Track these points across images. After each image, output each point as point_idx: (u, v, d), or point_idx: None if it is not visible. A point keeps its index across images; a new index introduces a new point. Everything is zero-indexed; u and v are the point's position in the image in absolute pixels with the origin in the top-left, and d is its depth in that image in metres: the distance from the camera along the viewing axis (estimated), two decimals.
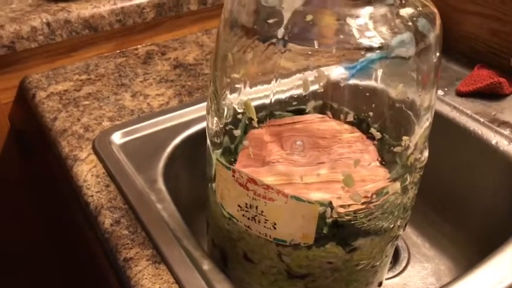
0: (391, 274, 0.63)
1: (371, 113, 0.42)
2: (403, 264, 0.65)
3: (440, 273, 0.63)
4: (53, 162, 0.66)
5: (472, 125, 0.60)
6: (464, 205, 0.64)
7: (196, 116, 0.61)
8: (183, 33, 0.82)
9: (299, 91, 0.45)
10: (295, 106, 0.49)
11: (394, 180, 0.40)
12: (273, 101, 0.41)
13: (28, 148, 0.76)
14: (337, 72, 0.42)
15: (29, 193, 0.80)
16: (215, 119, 0.44)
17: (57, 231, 0.84)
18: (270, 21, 0.38)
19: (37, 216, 0.83)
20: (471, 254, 0.63)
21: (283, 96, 0.47)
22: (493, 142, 0.58)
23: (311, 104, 0.46)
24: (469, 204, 0.63)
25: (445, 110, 0.63)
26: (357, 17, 0.36)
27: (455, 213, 0.65)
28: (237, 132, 0.43)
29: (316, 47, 0.35)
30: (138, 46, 0.78)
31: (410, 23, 0.36)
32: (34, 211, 0.82)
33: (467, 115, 0.61)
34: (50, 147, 0.61)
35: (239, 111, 0.44)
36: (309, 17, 0.35)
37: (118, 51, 0.77)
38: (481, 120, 0.60)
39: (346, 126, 0.46)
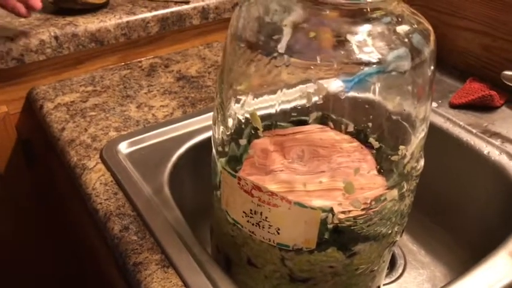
0: (388, 280, 0.65)
1: (370, 124, 0.44)
2: (400, 271, 0.66)
3: (436, 280, 0.65)
4: (59, 171, 0.68)
5: (465, 136, 0.62)
6: (458, 213, 0.66)
7: (199, 127, 0.64)
8: (185, 46, 0.84)
9: (299, 102, 0.47)
10: (296, 117, 0.51)
11: (391, 187, 0.42)
12: (278, 111, 0.43)
13: (32, 157, 0.77)
14: (336, 85, 0.44)
15: (36, 202, 0.81)
16: (221, 129, 0.46)
17: (60, 239, 0.86)
18: (273, 36, 0.40)
19: (42, 223, 0.84)
20: (466, 260, 0.64)
21: (284, 107, 0.49)
22: (485, 152, 0.60)
23: (312, 115, 0.48)
24: (462, 212, 0.65)
25: (439, 121, 0.65)
26: (356, 33, 0.38)
27: (450, 220, 0.67)
28: (243, 142, 0.45)
29: (318, 61, 0.37)
30: (142, 59, 0.80)
31: (406, 40, 0.38)
32: (40, 219, 0.83)
33: (460, 126, 0.64)
34: (58, 156, 0.63)
35: (243, 121, 0.46)
36: (312, 34, 0.37)
37: (122, 63, 0.79)
38: (474, 131, 0.63)
39: (345, 136, 0.48)
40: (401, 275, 0.66)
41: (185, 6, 0.79)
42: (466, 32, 0.71)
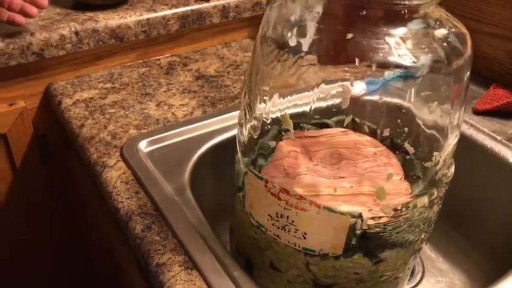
0: (406, 287, 0.64)
1: (405, 129, 0.43)
2: (418, 278, 0.65)
3: (455, 287, 0.64)
4: (77, 168, 0.67)
5: (489, 143, 0.61)
6: (479, 221, 0.65)
7: (219, 127, 0.63)
8: (203, 45, 0.84)
9: (327, 103, 0.47)
10: (319, 119, 0.50)
11: (422, 194, 0.42)
12: (308, 111, 0.42)
13: (47, 153, 0.77)
14: (361, 87, 0.44)
15: (49, 199, 0.81)
16: (248, 129, 0.45)
17: (72, 238, 0.85)
18: (300, 35, 0.40)
19: (55, 221, 0.84)
20: (486, 269, 0.64)
21: (313, 107, 0.49)
22: (510, 160, 0.59)
23: (344, 119, 0.47)
24: (484, 220, 0.64)
25: (463, 127, 0.64)
26: (392, 36, 0.37)
27: (471, 228, 0.66)
28: (272, 143, 0.44)
29: (356, 63, 0.36)
30: (160, 57, 0.80)
31: (444, 43, 0.38)
32: (53, 217, 0.83)
33: (484, 133, 0.63)
34: (77, 153, 0.62)
35: (268, 122, 0.45)
36: (349, 35, 0.37)
37: (141, 61, 0.78)
38: (498, 138, 0.62)
39: (369, 138, 0.48)
40: (419, 282, 0.65)
41: (205, 5, 0.78)
42: (491, 38, 0.70)
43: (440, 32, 0.38)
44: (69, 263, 0.89)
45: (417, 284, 0.65)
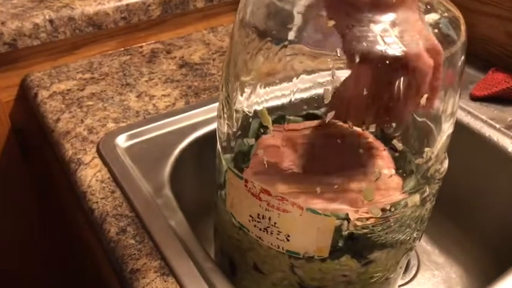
0: (400, 282, 0.62)
1: (393, 124, 0.40)
2: (413, 272, 0.63)
3: (451, 282, 0.62)
4: (54, 164, 0.64)
5: (487, 131, 0.58)
6: (477, 212, 0.62)
7: (203, 118, 0.60)
8: (188, 31, 0.80)
9: (311, 94, 0.44)
10: (307, 110, 0.47)
11: (413, 192, 0.39)
12: (287, 103, 0.39)
13: (26, 147, 0.74)
14: None
15: (30, 195, 0.78)
16: (227, 123, 0.42)
17: (58, 235, 0.83)
18: (284, 23, 0.37)
19: (37, 217, 0.81)
20: (483, 262, 0.61)
21: (295, 99, 0.46)
22: (509, 149, 0.56)
23: (330, 113, 0.44)
24: (482, 212, 0.61)
25: (459, 114, 0.61)
26: (378, 22, 0.34)
27: (467, 220, 0.64)
28: (251, 141, 0.41)
29: (336, 52, 0.33)
30: (143, 44, 0.76)
31: (436, 30, 0.35)
32: (35, 212, 0.81)
33: (482, 120, 0.60)
34: (52, 149, 0.59)
35: (250, 115, 0.42)
36: (331, 23, 0.33)
37: (122, 49, 0.75)
38: (497, 126, 0.59)
39: (358, 129, 0.45)
40: (414, 276, 0.63)
41: None
42: (490, 19, 0.67)
43: (431, 17, 0.34)
44: (56, 263, 0.87)
45: (412, 279, 0.63)
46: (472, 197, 0.62)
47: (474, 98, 0.64)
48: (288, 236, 0.38)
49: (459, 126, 0.60)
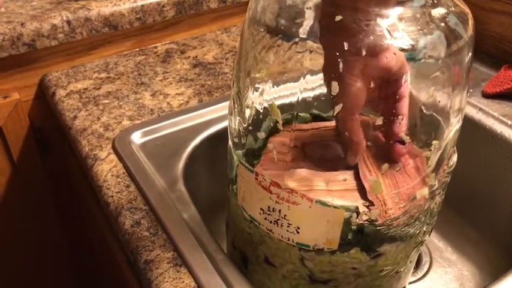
0: (412, 278, 0.62)
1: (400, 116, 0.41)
2: (425, 269, 0.63)
3: (464, 279, 0.62)
4: (71, 160, 0.66)
5: (499, 128, 0.58)
6: (489, 209, 0.62)
7: (216, 116, 0.61)
8: (202, 31, 0.81)
9: (322, 91, 0.44)
10: (318, 107, 0.48)
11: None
12: (299, 100, 0.40)
13: (45, 145, 0.76)
14: None
15: (48, 191, 0.80)
16: (238, 120, 0.43)
17: (76, 230, 0.85)
18: (294, 20, 0.37)
19: (55, 214, 0.83)
20: (496, 259, 0.61)
21: (306, 95, 0.46)
22: None
23: (338, 106, 0.45)
24: (494, 209, 0.61)
25: (471, 111, 0.61)
26: (386, 17, 0.35)
27: (480, 217, 0.63)
28: (261, 135, 0.42)
29: (345, 47, 0.34)
30: (157, 44, 0.78)
31: (442, 24, 0.35)
32: (53, 209, 0.82)
33: (493, 117, 0.60)
34: (69, 145, 0.61)
35: (261, 111, 0.43)
36: (338, 18, 0.34)
37: (137, 49, 0.76)
38: (508, 122, 0.58)
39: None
40: (426, 273, 0.63)
41: None
42: (502, 16, 0.66)
43: (438, 11, 0.35)
44: (73, 259, 0.88)
45: (424, 275, 0.63)
46: (484, 193, 0.62)
47: (486, 96, 0.63)
48: (298, 228, 0.39)
49: (471, 124, 0.60)
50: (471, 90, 0.64)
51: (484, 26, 0.69)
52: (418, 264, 0.63)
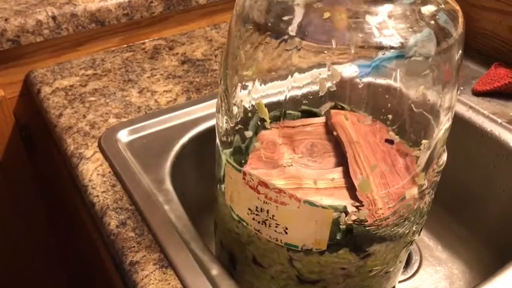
0: (402, 277, 0.61)
1: (389, 116, 0.40)
2: (415, 268, 0.63)
3: (454, 277, 0.62)
4: (57, 158, 0.65)
5: (489, 126, 0.58)
6: (479, 208, 0.62)
7: (204, 114, 0.60)
8: (191, 27, 0.80)
9: (311, 89, 0.44)
10: (307, 105, 0.47)
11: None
12: (287, 98, 0.39)
13: (31, 143, 0.75)
14: (351, 70, 0.40)
15: (34, 189, 0.79)
16: (225, 118, 0.42)
17: (62, 229, 0.83)
18: (283, 17, 0.37)
19: (41, 212, 0.82)
20: (486, 258, 0.61)
21: (294, 93, 0.46)
22: (511, 144, 0.56)
23: (325, 106, 0.44)
24: (484, 207, 0.61)
25: (461, 109, 0.61)
26: (376, 14, 0.34)
27: (470, 215, 0.63)
28: (248, 133, 0.41)
29: (333, 45, 0.33)
30: (146, 40, 0.77)
31: (432, 21, 0.34)
32: (39, 207, 0.81)
33: (484, 115, 0.59)
34: (55, 144, 0.60)
35: (249, 109, 0.42)
36: (326, 14, 0.33)
37: (125, 45, 0.75)
38: (499, 120, 0.58)
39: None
40: (416, 271, 0.62)
41: None
42: (493, 13, 0.66)
43: (428, 9, 0.34)
44: (63, 258, 0.87)
45: (414, 274, 0.62)
46: (475, 192, 0.62)
47: (476, 93, 0.63)
48: (286, 228, 0.38)
49: (461, 121, 0.60)
50: (461, 88, 0.64)
51: (474, 23, 0.69)
52: (408, 262, 0.63)
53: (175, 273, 0.41)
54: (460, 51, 0.37)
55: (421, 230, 0.46)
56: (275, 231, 0.39)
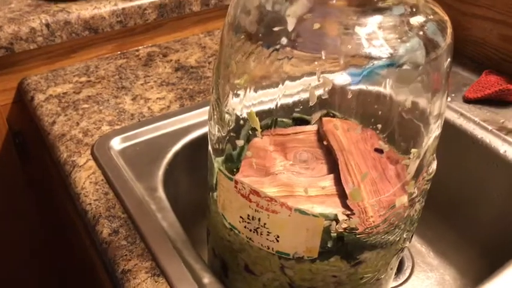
0: (394, 283, 0.62)
1: (379, 125, 0.41)
2: (407, 274, 0.63)
3: (445, 284, 0.62)
4: (50, 166, 0.65)
5: (480, 133, 0.59)
6: (470, 214, 0.62)
7: (197, 121, 0.60)
8: (184, 34, 0.81)
9: (302, 97, 0.44)
10: (298, 112, 0.48)
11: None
12: (278, 107, 0.40)
13: (24, 150, 0.75)
14: (342, 79, 0.41)
15: (28, 196, 0.79)
16: (217, 126, 0.42)
17: (56, 236, 0.83)
18: (275, 27, 0.37)
19: (36, 220, 0.82)
20: (477, 264, 0.61)
21: (286, 101, 0.46)
22: (501, 151, 0.57)
23: (316, 113, 0.45)
24: (476, 214, 0.61)
25: (452, 116, 0.61)
26: (365, 25, 0.35)
27: (461, 222, 0.64)
28: (240, 142, 0.42)
29: (323, 56, 0.34)
30: (139, 47, 0.77)
31: (420, 32, 0.35)
32: (33, 215, 0.81)
33: (474, 122, 0.60)
34: (48, 151, 0.60)
35: (241, 118, 0.43)
36: (316, 26, 0.34)
37: (119, 52, 0.75)
38: (489, 128, 0.59)
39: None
40: (408, 278, 0.63)
41: None
42: (484, 21, 0.67)
43: (416, 20, 0.35)
44: (55, 264, 0.87)
45: (406, 280, 0.63)
46: (466, 199, 0.62)
47: (467, 100, 0.64)
48: (278, 236, 0.38)
49: (452, 128, 0.61)
50: (452, 95, 0.64)
51: (465, 31, 0.69)
52: (400, 269, 0.63)
53: (167, 282, 0.41)
54: (449, 60, 0.37)
55: (411, 237, 0.46)
56: (267, 239, 0.39)
